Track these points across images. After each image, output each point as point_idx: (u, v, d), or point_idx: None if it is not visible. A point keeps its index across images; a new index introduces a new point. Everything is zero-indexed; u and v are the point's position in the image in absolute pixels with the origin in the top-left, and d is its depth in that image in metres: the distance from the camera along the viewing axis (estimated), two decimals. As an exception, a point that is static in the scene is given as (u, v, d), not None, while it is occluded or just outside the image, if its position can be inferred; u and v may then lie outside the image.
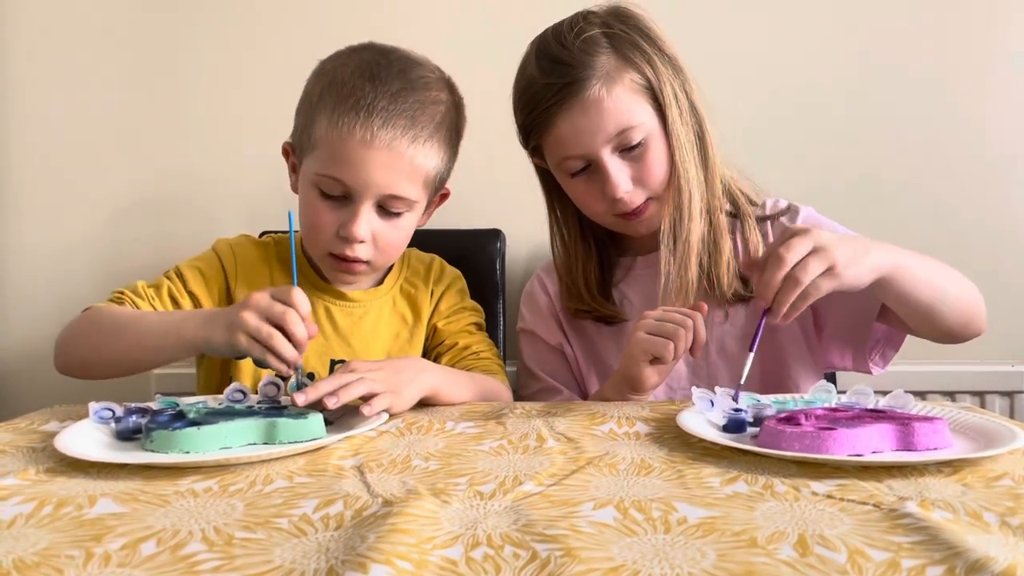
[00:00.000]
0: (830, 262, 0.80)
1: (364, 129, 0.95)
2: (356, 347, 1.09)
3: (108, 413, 0.77)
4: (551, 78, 0.99)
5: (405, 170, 0.98)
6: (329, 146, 0.97)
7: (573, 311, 1.13)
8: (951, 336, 0.96)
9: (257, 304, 0.83)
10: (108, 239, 1.51)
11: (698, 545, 0.49)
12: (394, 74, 0.99)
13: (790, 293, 0.80)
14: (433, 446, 0.73)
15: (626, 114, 0.98)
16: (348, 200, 0.99)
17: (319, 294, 1.09)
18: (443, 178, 1.07)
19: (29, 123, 1.51)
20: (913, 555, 0.47)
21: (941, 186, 1.50)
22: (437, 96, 1.02)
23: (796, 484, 0.60)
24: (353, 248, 1.00)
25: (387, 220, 1.01)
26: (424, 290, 1.15)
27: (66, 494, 0.60)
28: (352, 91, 0.97)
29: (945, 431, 0.69)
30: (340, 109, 0.96)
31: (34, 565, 0.47)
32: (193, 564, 0.47)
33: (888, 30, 1.49)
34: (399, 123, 0.96)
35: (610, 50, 0.99)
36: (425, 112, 0.99)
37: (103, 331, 0.96)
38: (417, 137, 0.98)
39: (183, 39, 1.50)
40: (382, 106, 0.96)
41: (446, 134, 1.03)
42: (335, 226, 1.00)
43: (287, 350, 0.81)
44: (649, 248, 1.11)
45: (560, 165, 1.04)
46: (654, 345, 0.90)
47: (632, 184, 1.01)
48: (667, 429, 0.78)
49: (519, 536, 0.50)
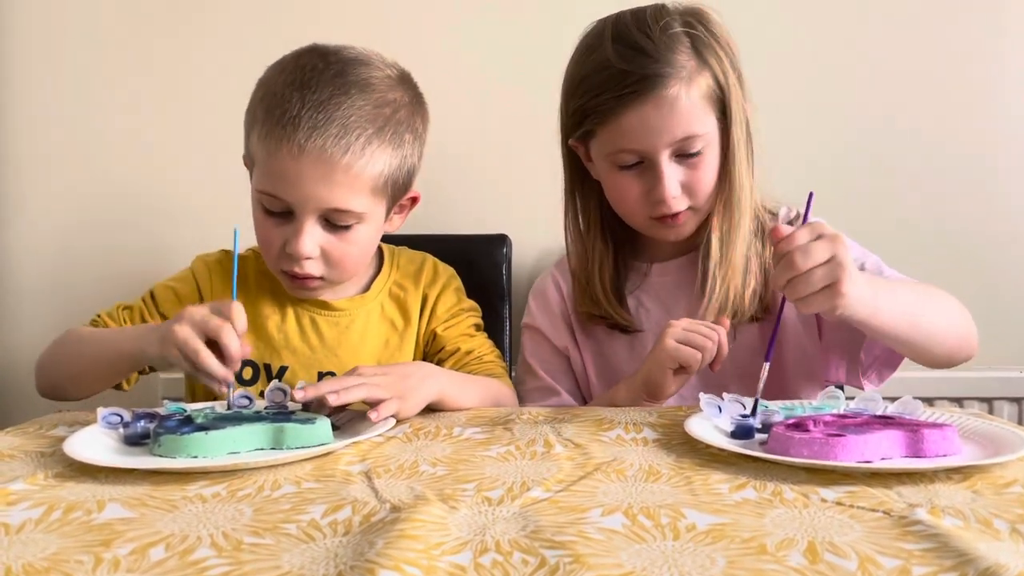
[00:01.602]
0: (835, 278, 0.76)
1: (290, 142, 0.91)
2: (344, 358, 1.06)
3: (116, 418, 0.77)
4: (630, 65, 0.95)
5: (344, 181, 0.93)
6: (262, 162, 0.94)
7: (587, 315, 1.11)
8: (937, 366, 0.96)
9: (191, 317, 0.81)
10: (108, 240, 1.51)
11: (707, 552, 0.49)
12: (327, 79, 0.93)
13: (793, 296, 0.78)
14: (440, 452, 0.73)
15: (695, 120, 0.97)
16: (292, 216, 0.95)
17: (304, 305, 1.07)
18: (402, 182, 1.01)
19: (29, 123, 1.51)
20: (924, 562, 0.46)
21: (946, 190, 1.49)
22: (381, 97, 0.96)
23: (805, 491, 0.60)
24: (301, 265, 0.96)
25: (335, 234, 0.97)
26: (414, 292, 1.11)
27: (75, 499, 0.60)
28: (279, 102, 0.93)
29: (954, 437, 0.69)
30: (269, 123, 0.93)
31: (43, 570, 0.47)
32: (202, 569, 0.47)
33: (894, 31, 1.48)
34: (329, 131, 0.91)
35: (692, 51, 0.97)
36: (362, 116, 0.93)
37: (68, 351, 0.99)
38: (352, 145, 0.92)
39: (183, 41, 1.50)
40: (308, 116, 0.91)
41: (394, 135, 0.96)
42: (281, 242, 0.96)
43: (214, 366, 0.80)
44: (666, 255, 1.10)
45: (612, 156, 1.01)
46: (683, 354, 0.90)
47: (680, 191, 0.99)
48: (675, 435, 0.77)
49: (528, 542, 0.50)
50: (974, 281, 0.97)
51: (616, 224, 1.09)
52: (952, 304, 0.95)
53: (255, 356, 1.05)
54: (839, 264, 0.76)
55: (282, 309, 1.07)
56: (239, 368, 0.82)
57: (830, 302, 0.77)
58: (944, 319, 0.93)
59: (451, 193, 1.47)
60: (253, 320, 1.05)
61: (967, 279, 0.94)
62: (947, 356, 0.95)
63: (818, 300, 0.77)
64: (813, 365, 1.07)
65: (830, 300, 0.77)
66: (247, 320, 0.93)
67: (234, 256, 0.86)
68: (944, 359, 0.95)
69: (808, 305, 0.78)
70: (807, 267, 0.76)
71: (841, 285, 0.76)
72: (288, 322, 1.06)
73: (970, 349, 0.97)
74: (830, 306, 0.78)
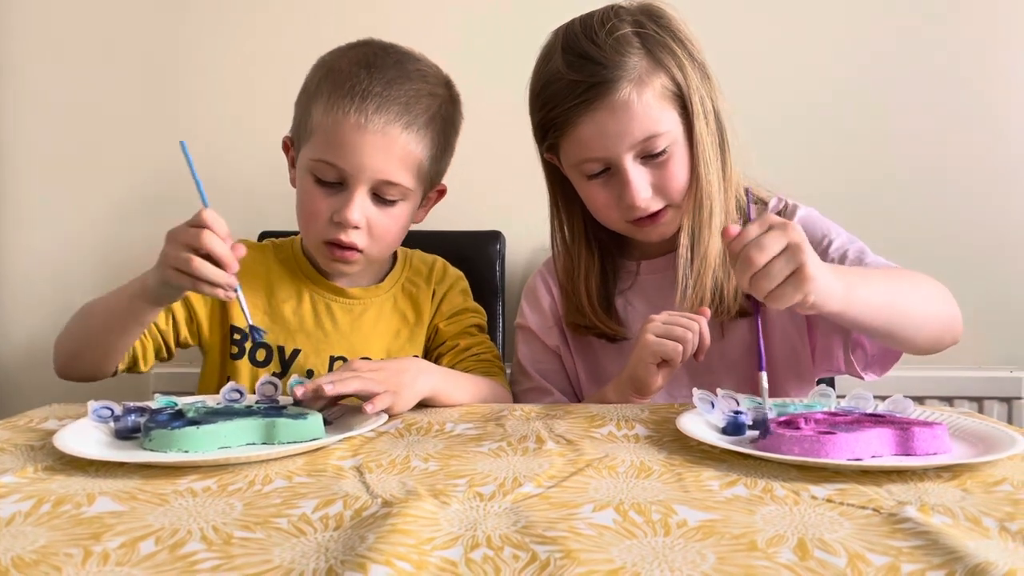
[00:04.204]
0: (797, 264, 0.74)
1: (359, 113, 0.97)
2: (355, 344, 1.09)
3: (107, 412, 0.77)
4: (579, 75, 0.94)
5: (399, 156, 0.99)
6: (324, 131, 0.99)
7: (573, 327, 1.10)
8: (922, 352, 0.94)
9: (175, 238, 0.84)
10: (108, 239, 1.51)
11: (698, 548, 0.49)
12: (390, 64, 1.00)
13: (759, 294, 0.76)
14: (432, 447, 0.73)
15: (654, 121, 0.95)
16: (342, 186, 1.00)
17: (319, 290, 1.10)
18: (438, 171, 1.07)
19: (29, 123, 1.51)
20: (913, 560, 0.46)
21: (941, 191, 1.50)
22: (433, 89, 1.03)
23: (796, 488, 0.60)
24: (347, 233, 1.00)
25: (381, 207, 1.02)
26: (426, 290, 1.14)
27: (65, 492, 0.60)
28: (348, 78, 0.98)
29: (944, 436, 0.69)
30: (336, 95, 0.98)
31: (32, 563, 0.47)
32: (192, 563, 0.47)
33: (896, 29, 1.49)
34: (393, 109, 0.98)
35: (642, 51, 0.95)
36: (420, 102, 1.00)
37: (82, 318, 1.00)
38: (411, 124, 0.99)
39: (184, 38, 1.50)
40: (377, 91, 0.97)
41: (440, 126, 1.03)
42: (329, 212, 1.01)
43: (212, 272, 0.82)
44: (655, 252, 1.09)
45: (578, 167, 1.00)
46: (664, 347, 0.90)
47: (651, 191, 0.98)
48: (666, 432, 0.78)
49: (519, 538, 0.50)
50: (964, 281, 0.96)
51: (601, 228, 1.08)
52: (933, 288, 0.92)
53: (270, 339, 1.07)
54: (797, 249, 0.74)
55: (299, 294, 1.10)
56: (238, 270, 0.84)
57: (799, 291, 0.74)
58: (925, 304, 0.91)
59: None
60: (269, 303, 1.09)
61: (956, 280, 0.93)
62: (930, 342, 0.92)
63: (786, 292, 0.75)
64: (801, 363, 1.06)
65: (798, 288, 0.74)
66: (265, 301, 1.00)
67: (190, 167, 0.86)
68: (927, 345, 0.92)
69: (778, 299, 0.75)
70: (765, 260, 0.74)
71: (805, 269, 0.73)
72: (304, 306, 1.09)
73: (954, 333, 0.94)
74: (800, 295, 0.75)
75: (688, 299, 1.00)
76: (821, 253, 1.00)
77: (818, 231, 1.03)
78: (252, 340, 0.95)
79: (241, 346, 1.08)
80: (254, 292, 1.08)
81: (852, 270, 0.90)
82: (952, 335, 0.94)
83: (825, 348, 1.04)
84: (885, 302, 0.86)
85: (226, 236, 0.83)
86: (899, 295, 0.89)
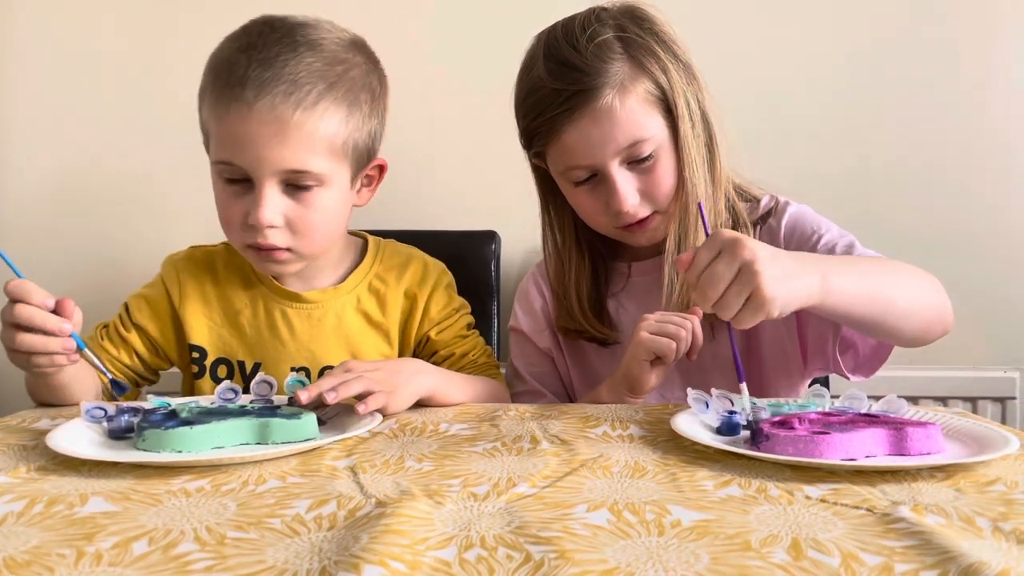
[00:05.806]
0: (752, 287, 0.71)
1: (239, 102, 0.88)
2: (316, 353, 1.03)
3: (100, 412, 0.76)
4: (561, 83, 0.94)
5: (299, 139, 0.90)
6: (215, 129, 0.92)
7: (565, 331, 1.09)
8: (911, 344, 0.92)
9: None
10: (107, 238, 1.51)
11: (692, 548, 0.49)
12: (274, 40, 0.91)
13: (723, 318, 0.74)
14: (427, 447, 0.73)
15: (638, 126, 0.94)
16: (251, 184, 0.92)
17: (274, 296, 1.04)
18: (364, 146, 0.97)
19: (29, 123, 1.51)
20: (906, 559, 0.47)
21: (935, 191, 1.50)
22: (332, 56, 0.93)
23: (790, 488, 0.60)
24: (264, 235, 0.93)
25: (298, 201, 0.93)
26: (395, 286, 1.07)
27: (57, 492, 0.59)
28: (227, 67, 0.90)
29: (938, 436, 0.69)
30: (216, 87, 0.91)
31: (25, 563, 0.47)
32: (185, 564, 0.47)
33: (892, 27, 1.49)
34: (279, 89, 0.88)
35: (624, 56, 0.94)
36: (312, 72, 0.90)
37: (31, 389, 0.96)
38: (303, 101, 0.89)
39: (182, 36, 1.50)
40: (255, 74, 0.88)
41: (348, 93, 0.93)
42: (242, 216, 0.93)
43: (40, 343, 0.80)
44: (645, 255, 1.09)
45: (564, 174, 1.00)
46: (657, 344, 0.90)
47: (639, 197, 0.98)
48: (661, 432, 0.78)
49: (513, 538, 0.50)
50: (958, 282, 0.96)
51: (592, 231, 1.07)
52: (920, 277, 0.90)
53: (228, 353, 1.04)
54: (749, 270, 0.71)
55: (253, 303, 1.05)
56: (80, 320, 0.82)
57: (757, 313, 0.72)
58: (911, 292, 0.88)
59: (440, 189, 1.47)
60: (225, 315, 1.05)
61: (950, 280, 0.93)
62: (919, 332, 0.90)
63: (746, 316, 0.72)
64: (791, 362, 1.06)
65: (756, 312, 0.72)
66: (220, 315, 0.96)
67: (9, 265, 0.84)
68: (916, 335, 0.90)
69: (740, 323, 0.74)
70: (718, 294, 0.72)
71: (761, 292, 0.70)
72: (259, 316, 1.04)
73: (944, 323, 0.91)
74: (761, 315, 0.72)
75: (674, 303, 1.00)
76: (811, 249, 1.00)
77: (808, 227, 1.03)
78: (112, 396, 0.88)
79: (201, 365, 1.05)
80: (208, 306, 1.05)
81: (831, 258, 0.89)
82: (942, 325, 0.91)
83: (817, 344, 1.03)
84: (867, 289, 0.83)
85: (41, 301, 0.80)
86: (883, 283, 0.86)
